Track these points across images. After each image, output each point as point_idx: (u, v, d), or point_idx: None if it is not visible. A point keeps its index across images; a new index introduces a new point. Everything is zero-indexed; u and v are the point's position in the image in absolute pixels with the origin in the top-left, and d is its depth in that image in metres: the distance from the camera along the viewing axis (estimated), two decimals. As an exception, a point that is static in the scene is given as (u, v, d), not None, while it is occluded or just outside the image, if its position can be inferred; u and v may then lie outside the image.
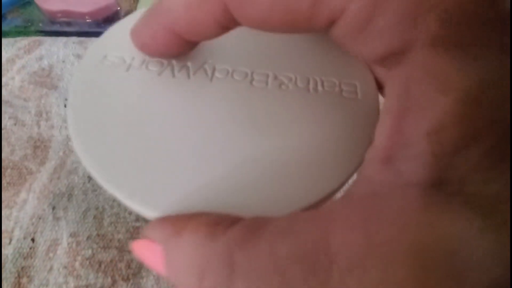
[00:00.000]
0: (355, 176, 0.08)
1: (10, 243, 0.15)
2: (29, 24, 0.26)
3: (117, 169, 0.08)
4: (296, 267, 0.06)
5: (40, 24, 0.26)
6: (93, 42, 0.22)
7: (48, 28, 0.26)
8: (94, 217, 0.16)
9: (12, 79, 0.20)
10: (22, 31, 0.26)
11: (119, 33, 0.10)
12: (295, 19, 0.07)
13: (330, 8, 0.07)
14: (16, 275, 0.15)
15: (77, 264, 0.15)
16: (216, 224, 0.07)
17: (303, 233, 0.06)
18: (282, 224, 0.06)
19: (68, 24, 0.26)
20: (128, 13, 0.28)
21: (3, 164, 0.17)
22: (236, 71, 0.10)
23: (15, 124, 0.19)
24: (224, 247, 0.06)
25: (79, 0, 0.26)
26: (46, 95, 0.20)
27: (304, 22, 0.07)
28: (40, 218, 0.16)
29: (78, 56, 0.21)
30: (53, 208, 0.16)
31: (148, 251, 0.08)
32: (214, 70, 0.10)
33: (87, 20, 0.26)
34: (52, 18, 0.26)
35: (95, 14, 0.26)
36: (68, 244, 0.15)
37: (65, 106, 0.19)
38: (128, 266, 0.16)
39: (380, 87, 0.10)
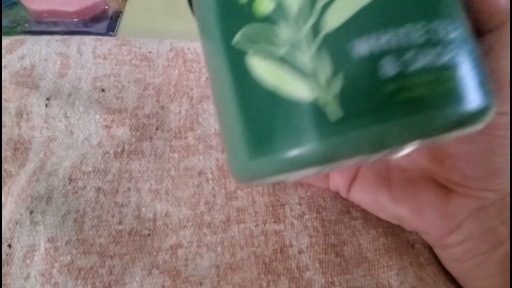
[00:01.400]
0: None
1: (-16, 250, 0.15)
2: (15, 24, 0.26)
3: None
4: None
5: (26, 25, 0.26)
6: (77, 39, 0.22)
7: (35, 28, 0.26)
8: (74, 220, 0.15)
9: (-7, 79, 0.19)
10: (8, 32, 0.25)
11: None
12: None
13: None
14: (-10, 284, 0.14)
15: (54, 271, 0.14)
16: None
17: None
18: None
19: (55, 24, 0.26)
20: (116, 12, 0.27)
21: (-20, 167, 0.17)
22: None
23: (-6, 126, 0.18)
24: None
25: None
26: (27, 95, 0.19)
27: None
28: (17, 223, 0.15)
29: (61, 54, 0.20)
30: (31, 212, 0.15)
31: None
32: None
33: (74, 20, 0.26)
34: (38, 18, 0.26)
35: (82, 13, 0.26)
36: (46, 250, 0.14)
37: (46, 106, 0.19)
38: (110, 272, 0.15)
39: None
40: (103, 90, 0.20)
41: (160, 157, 0.18)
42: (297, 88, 0.07)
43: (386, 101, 0.07)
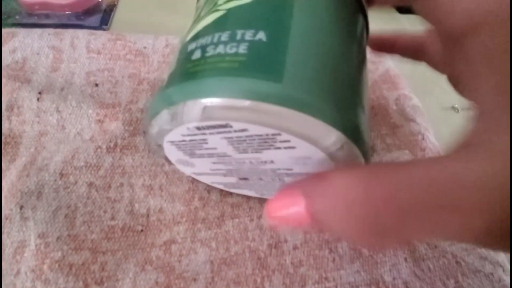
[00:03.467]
0: None
1: (-27, 245, 0.14)
2: (6, 16, 0.25)
3: None
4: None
5: (17, 17, 0.25)
6: (70, 33, 0.21)
7: (26, 20, 0.25)
8: (65, 216, 0.15)
9: (-18, 72, 0.19)
10: (-2, 25, 0.25)
11: None
12: None
13: None
14: (-21, 280, 0.14)
15: (45, 267, 0.14)
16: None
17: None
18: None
19: (47, 16, 0.25)
20: (110, 5, 0.27)
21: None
22: None
23: (-16, 120, 0.18)
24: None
25: (58, -8, 0.25)
26: (19, 88, 0.18)
27: None
28: (7, 219, 0.15)
29: (54, 48, 0.20)
30: (21, 207, 0.15)
31: (287, 208, 0.08)
32: None
33: (67, 12, 0.25)
34: (29, 10, 0.25)
35: (75, 6, 0.25)
36: (36, 246, 0.14)
37: (37, 100, 0.18)
38: (102, 268, 0.15)
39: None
40: (96, 84, 0.20)
41: (153, 153, 0.18)
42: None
43: (187, 74, 0.10)
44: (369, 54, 0.15)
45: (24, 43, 0.20)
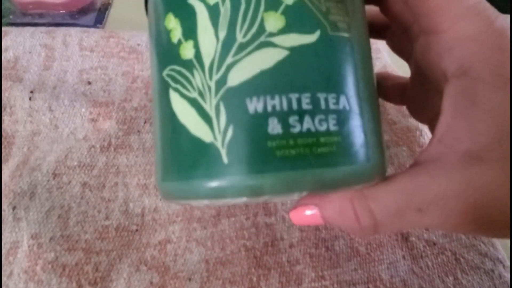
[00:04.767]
0: None
1: (-35, 247, 0.14)
2: (-1, 16, 0.25)
3: None
4: None
5: (11, 16, 0.25)
6: (62, 31, 0.21)
7: (20, 20, 0.25)
8: (59, 216, 0.15)
9: (-26, 72, 0.19)
10: (-9, 24, 0.25)
11: None
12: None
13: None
14: (-29, 282, 0.13)
15: (38, 268, 0.14)
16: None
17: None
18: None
19: (41, 15, 0.25)
20: (104, 4, 0.26)
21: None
22: None
23: (-24, 120, 0.18)
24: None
25: (52, -9, 0.25)
26: (11, 88, 0.18)
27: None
28: (-1, 219, 0.15)
29: (46, 46, 0.20)
30: (14, 208, 0.15)
31: (305, 214, 0.10)
32: None
33: (61, 12, 0.25)
34: (23, 9, 0.25)
35: (69, 5, 0.25)
36: (29, 246, 0.14)
37: (29, 99, 0.18)
38: (96, 269, 0.14)
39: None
40: (89, 82, 0.19)
41: (148, 151, 0.18)
42: (199, 129, 0.08)
43: (266, 155, 0.08)
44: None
45: (16, 42, 0.20)
